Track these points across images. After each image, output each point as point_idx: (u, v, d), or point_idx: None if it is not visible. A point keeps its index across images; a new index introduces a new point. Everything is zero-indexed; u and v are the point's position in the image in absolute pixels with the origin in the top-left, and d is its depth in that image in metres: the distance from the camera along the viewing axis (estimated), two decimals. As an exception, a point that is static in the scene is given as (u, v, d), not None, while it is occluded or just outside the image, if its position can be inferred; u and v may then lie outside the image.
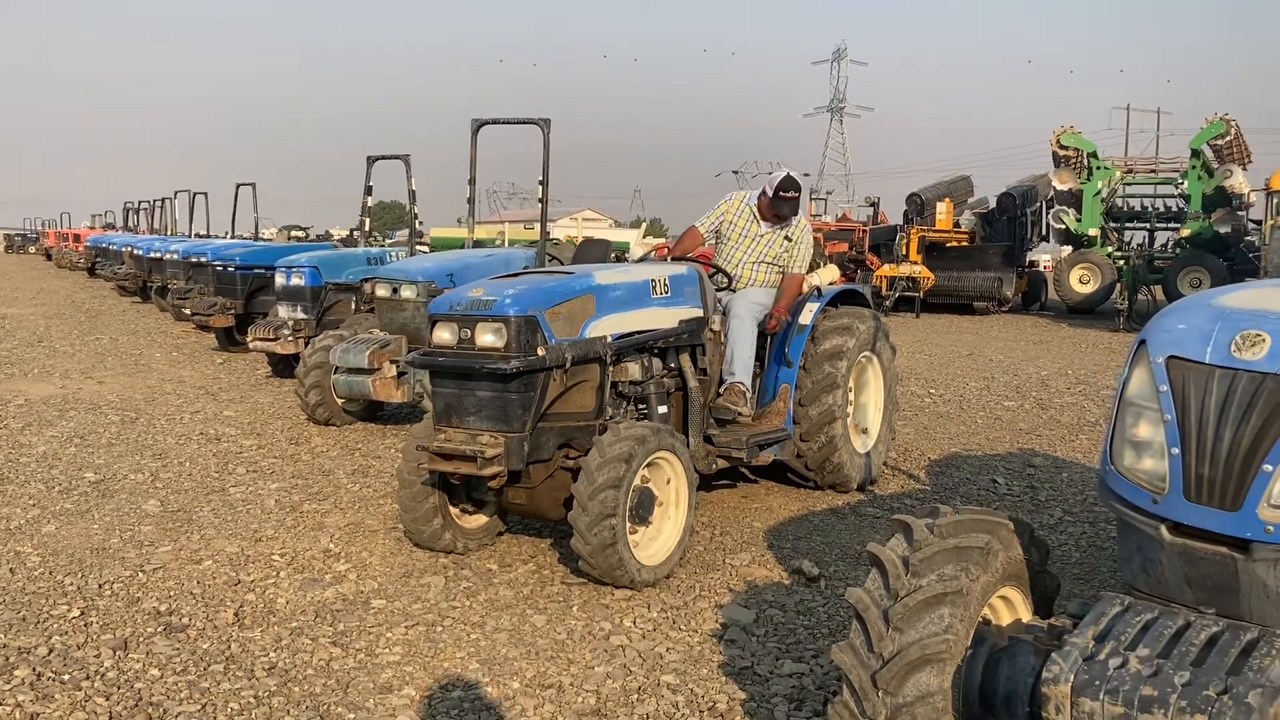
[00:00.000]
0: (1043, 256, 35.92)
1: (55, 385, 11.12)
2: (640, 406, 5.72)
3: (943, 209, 27.14)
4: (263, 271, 13.64)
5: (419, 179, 12.42)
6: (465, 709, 3.79)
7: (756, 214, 6.60)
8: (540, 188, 8.83)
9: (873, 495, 6.88)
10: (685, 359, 5.95)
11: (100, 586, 4.95)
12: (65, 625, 4.46)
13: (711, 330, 6.11)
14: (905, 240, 25.19)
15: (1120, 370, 2.98)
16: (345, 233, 28.73)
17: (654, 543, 5.18)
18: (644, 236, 39.32)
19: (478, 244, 12.79)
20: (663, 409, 5.75)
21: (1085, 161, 26.09)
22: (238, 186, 19.45)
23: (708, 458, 5.92)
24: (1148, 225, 27.51)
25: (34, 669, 4.00)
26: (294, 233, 37.42)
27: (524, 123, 8.87)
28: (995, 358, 15.39)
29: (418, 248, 13.12)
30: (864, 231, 26.90)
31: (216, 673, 4.02)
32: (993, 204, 29.44)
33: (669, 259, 6.63)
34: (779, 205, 6.46)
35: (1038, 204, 28.11)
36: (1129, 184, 27.44)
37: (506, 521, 5.80)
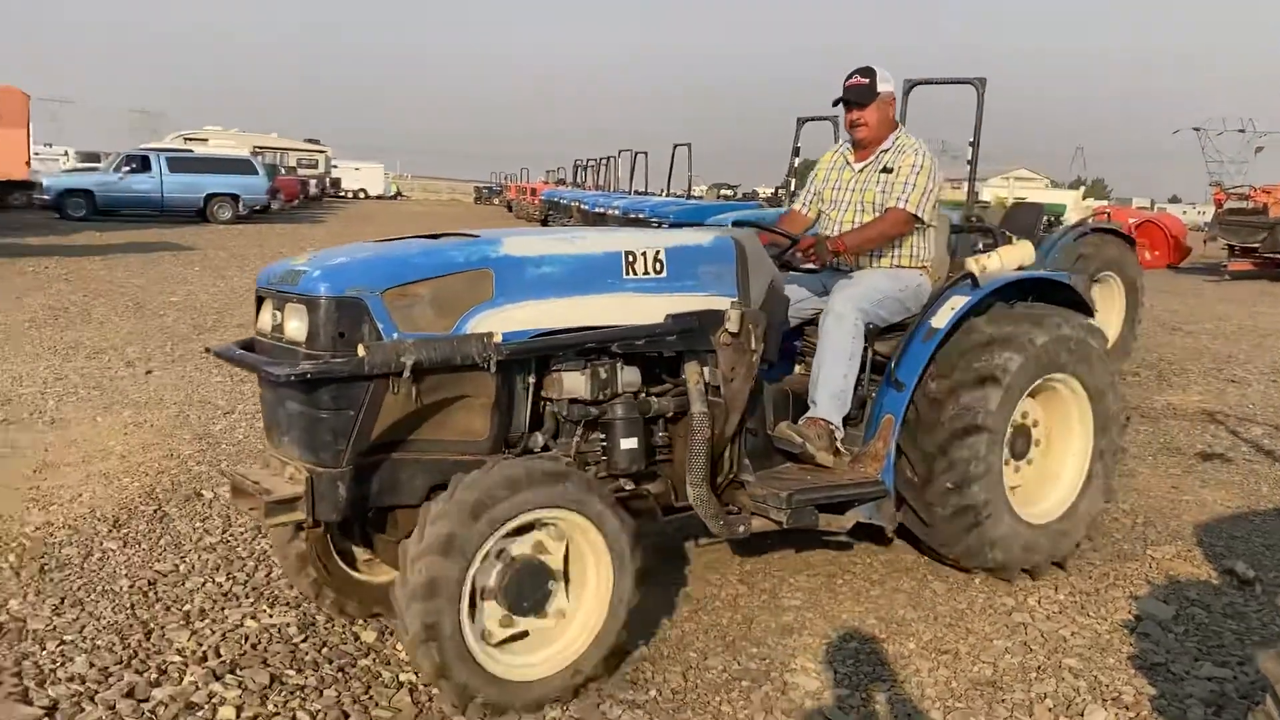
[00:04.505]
0: None
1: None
2: (598, 436, 3.93)
3: None
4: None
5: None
6: (861, 660, 3.93)
7: (849, 157, 4.87)
8: (970, 149, 8.64)
9: (1332, 499, 6.14)
10: (692, 369, 3.98)
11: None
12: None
13: (728, 332, 3.96)
14: None
15: None
16: (770, 192, 29.48)
17: (548, 645, 3.52)
18: (1083, 199, 36.71)
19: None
20: (631, 442, 3.86)
21: None
22: (675, 147, 20.61)
23: (724, 517, 4.01)
24: None
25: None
26: (723, 191, 38.86)
27: (957, 82, 8.69)
28: None
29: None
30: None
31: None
32: None
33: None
34: (845, 105, 4.68)
35: None
36: None
37: None
